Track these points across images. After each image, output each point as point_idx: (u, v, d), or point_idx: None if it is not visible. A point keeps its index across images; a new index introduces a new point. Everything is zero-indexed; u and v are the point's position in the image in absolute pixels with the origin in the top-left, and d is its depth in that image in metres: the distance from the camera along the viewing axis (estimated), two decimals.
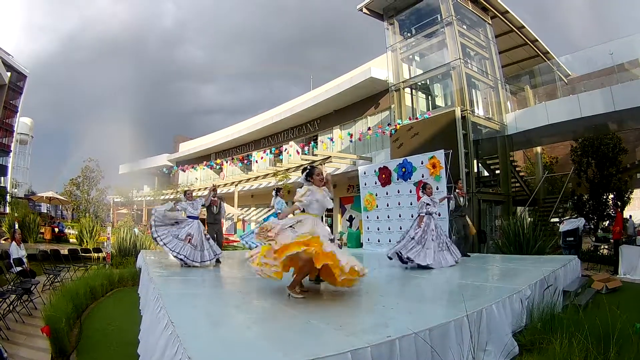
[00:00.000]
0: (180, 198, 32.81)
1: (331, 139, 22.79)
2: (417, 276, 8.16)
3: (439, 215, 10.21)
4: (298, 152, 22.72)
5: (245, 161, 28.53)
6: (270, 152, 21.04)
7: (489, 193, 17.45)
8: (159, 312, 4.54)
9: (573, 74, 20.48)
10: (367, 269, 5.44)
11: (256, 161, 26.19)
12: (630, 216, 13.86)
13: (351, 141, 20.54)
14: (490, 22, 19.36)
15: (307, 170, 6.05)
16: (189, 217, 9.24)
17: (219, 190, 11.45)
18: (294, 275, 5.57)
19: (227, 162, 30.81)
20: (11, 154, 44.10)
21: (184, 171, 31.49)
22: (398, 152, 17.33)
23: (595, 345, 3.93)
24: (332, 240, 5.73)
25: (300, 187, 6.03)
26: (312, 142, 24.34)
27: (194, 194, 10.03)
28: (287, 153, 24.59)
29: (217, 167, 30.25)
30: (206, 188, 28.06)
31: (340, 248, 5.98)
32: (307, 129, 26.92)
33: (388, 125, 18.49)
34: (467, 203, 11.07)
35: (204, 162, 32.01)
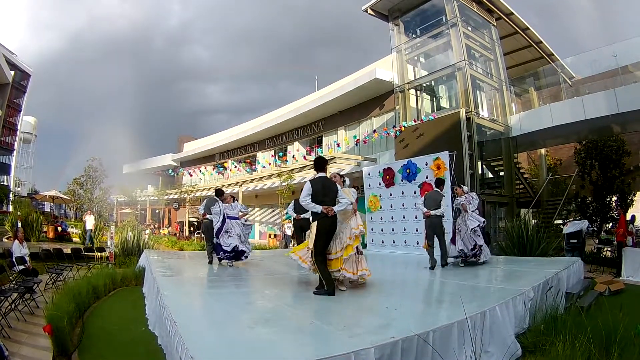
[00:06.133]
0: (183, 198, 32.98)
1: (337, 144, 22.77)
2: (421, 277, 8.17)
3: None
4: (305, 158, 22.69)
5: (253, 166, 28.63)
6: (278, 157, 21.05)
7: (493, 195, 17.41)
8: (163, 312, 4.56)
9: (577, 76, 20.42)
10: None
11: (263, 167, 26.24)
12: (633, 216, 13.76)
13: (357, 145, 20.54)
14: (495, 24, 19.34)
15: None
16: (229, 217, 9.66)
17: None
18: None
19: (234, 164, 30.87)
20: (14, 153, 44.21)
21: (191, 175, 31.62)
22: (403, 153, 17.33)
23: (597, 347, 3.92)
24: None
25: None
26: (319, 147, 24.39)
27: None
28: (295, 159, 24.58)
29: (226, 170, 30.38)
30: (210, 188, 28.16)
31: None
32: (311, 129, 26.92)
33: (393, 127, 18.48)
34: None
35: (212, 166, 32.14)
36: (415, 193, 13.13)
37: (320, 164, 6.08)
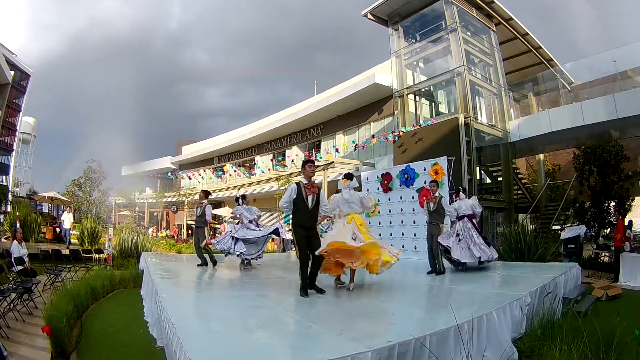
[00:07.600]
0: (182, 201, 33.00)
1: (336, 149, 22.78)
2: (418, 282, 8.18)
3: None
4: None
5: (253, 172, 28.62)
6: (277, 161, 21.00)
7: (491, 200, 17.43)
8: (162, 314, 4.56)
9: (576, 81, 20.48)
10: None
11: (263, 172, 26.25)
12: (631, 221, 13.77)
13: (355, 149, 20.57)
14: (494, 29, 19.40)
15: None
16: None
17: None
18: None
19: (233, 168, 30.81)
20: (13, 153, 44.08)
21: (190, 178, 31.63)
22: (401, 158, 17.34)
23: (594, 352, 3.93)
24: None
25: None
26: (317, 152, 24.37)
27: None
28: (294, 164, 24.58)
29: (224, 174, 30.33)
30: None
31: None
32: (310, 134, 26.95)
33: (392, 132, 18.50)
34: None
35: (212, 170, 32.04)
36: (413, 198, 13.16)
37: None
